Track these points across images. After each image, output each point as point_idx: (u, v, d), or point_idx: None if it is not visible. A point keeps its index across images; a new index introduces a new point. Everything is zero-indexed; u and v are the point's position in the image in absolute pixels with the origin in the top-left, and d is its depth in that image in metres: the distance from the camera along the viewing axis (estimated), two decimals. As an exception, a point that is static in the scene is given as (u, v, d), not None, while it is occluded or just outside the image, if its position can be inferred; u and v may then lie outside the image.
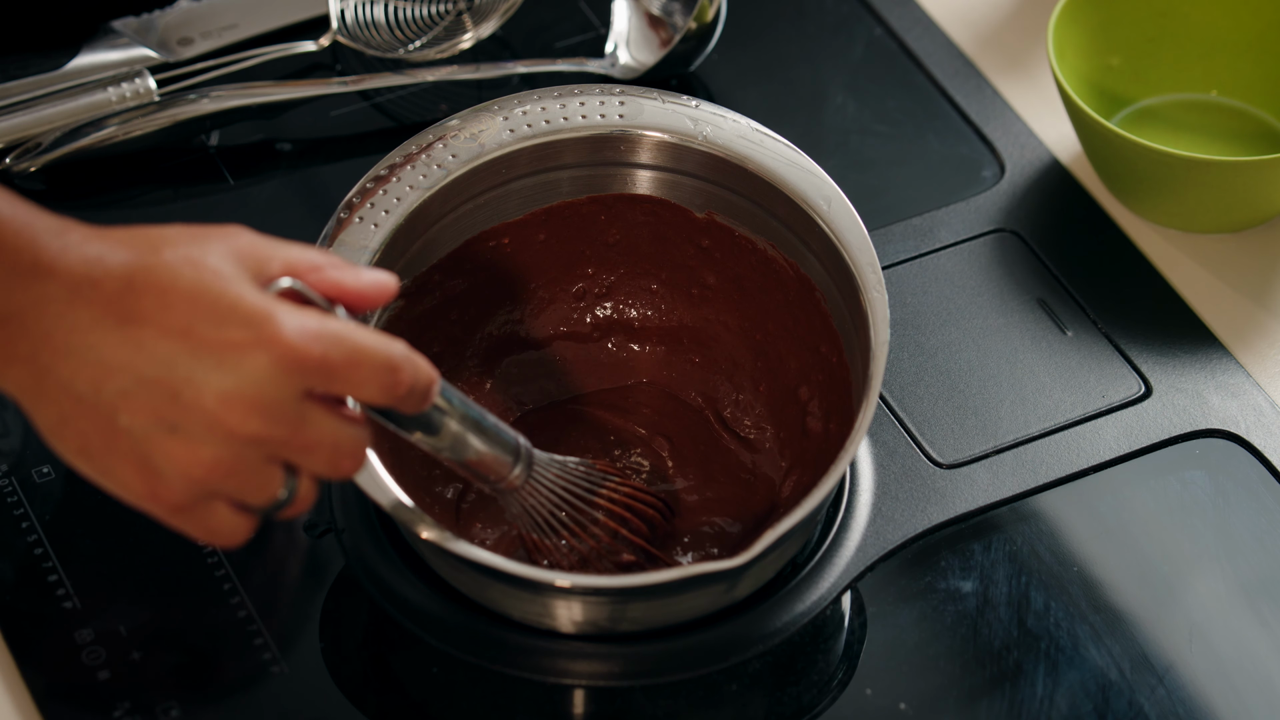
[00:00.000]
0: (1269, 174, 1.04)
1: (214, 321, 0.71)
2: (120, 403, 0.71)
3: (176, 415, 0.71)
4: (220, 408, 0.71)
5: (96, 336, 0.71)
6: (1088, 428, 1.00)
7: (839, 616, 0.93)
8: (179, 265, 0.71)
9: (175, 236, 0.73)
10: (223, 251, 0.73)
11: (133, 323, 0.71)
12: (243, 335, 0.71)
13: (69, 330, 0.71)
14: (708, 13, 1.13)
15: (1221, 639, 0.93)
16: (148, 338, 0.71)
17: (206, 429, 0.72)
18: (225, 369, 0.71)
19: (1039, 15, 1.20)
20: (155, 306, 0.71)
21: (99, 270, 0.71)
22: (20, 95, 1.11)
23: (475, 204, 0.95)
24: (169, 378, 0.71)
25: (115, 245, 0.72)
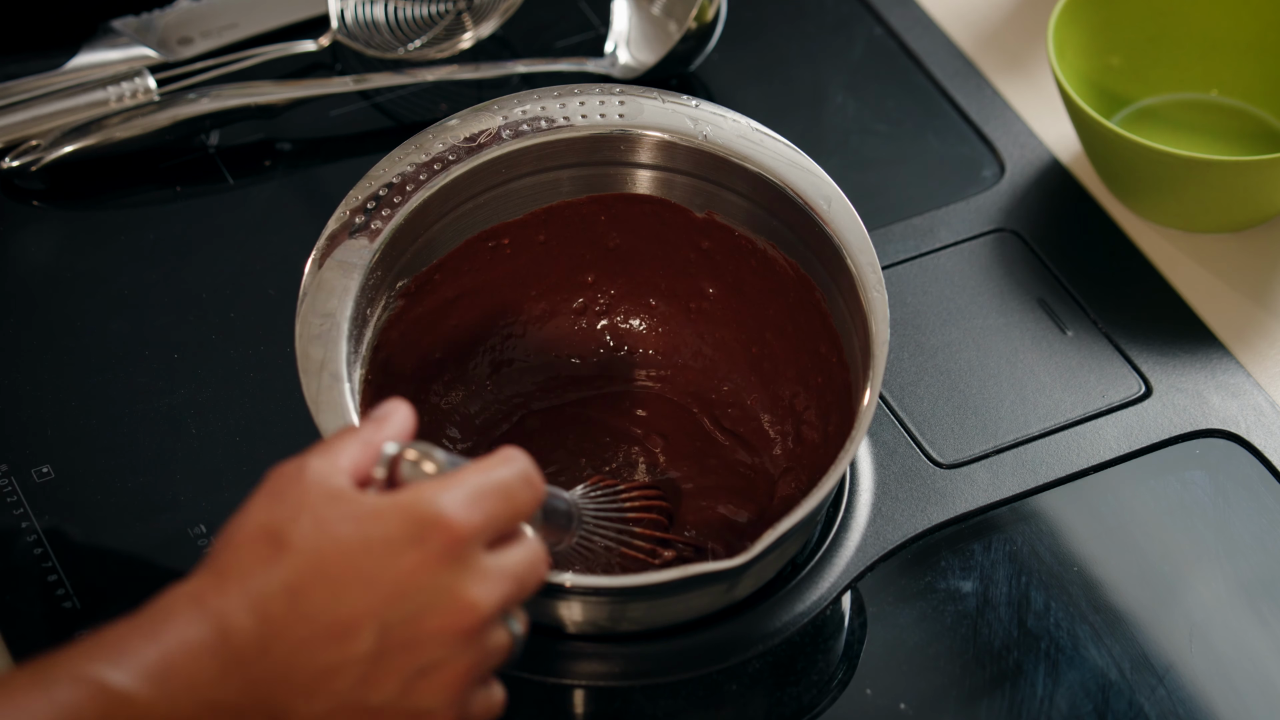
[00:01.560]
0: (1269, 174, 1.04)
1: (382, 565, 0.69)
2: (362, 690, 0.70)
3: (416, 660, 0.70)
4: (445, 626, 0.70)
5: (298, 661, 0.69)
6: (1088, 428, 1.00)
7: (839, 616, 0.93)
8: (304, 550, 0.69)
9: (249, 540, 0.70)
10: (315, 508, 0.70)
11: (314, 623, 0.69)
12: (416, 555, 0.70)
13: (273, 685, 0.69)
14: (708, 13, 1.13)
15: (1221, 639, 0.93)
16: (341, 625, 0.69)
17: (447, 649, 0.71)
18: (424, 593, 0.70)
19: (1039, 15, 1.20)
20: (326, 597, 0.69)
21: (242, 640, 0.69)
22: (20, 95, 1.11)
23: (475, 204, 0.95)
24: (387, 641, 0.69)
25: (221, 614, 0.69)
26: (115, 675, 0.66)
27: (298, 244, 0.96)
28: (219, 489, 0.96)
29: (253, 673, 0.68)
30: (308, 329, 0.87)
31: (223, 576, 0.69)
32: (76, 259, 1.07)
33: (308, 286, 0.88)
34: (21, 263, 1.08)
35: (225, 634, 0.68)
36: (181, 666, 0.67)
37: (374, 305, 0.91)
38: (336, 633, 0.69)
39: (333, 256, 0.89)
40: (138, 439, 0.99)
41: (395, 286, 0.93)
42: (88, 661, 0.67)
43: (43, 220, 1.09)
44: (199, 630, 0.68)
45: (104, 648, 0.67)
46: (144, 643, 0.67)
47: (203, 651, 0.68)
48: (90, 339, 1.03)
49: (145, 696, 0.67)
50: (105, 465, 0.97)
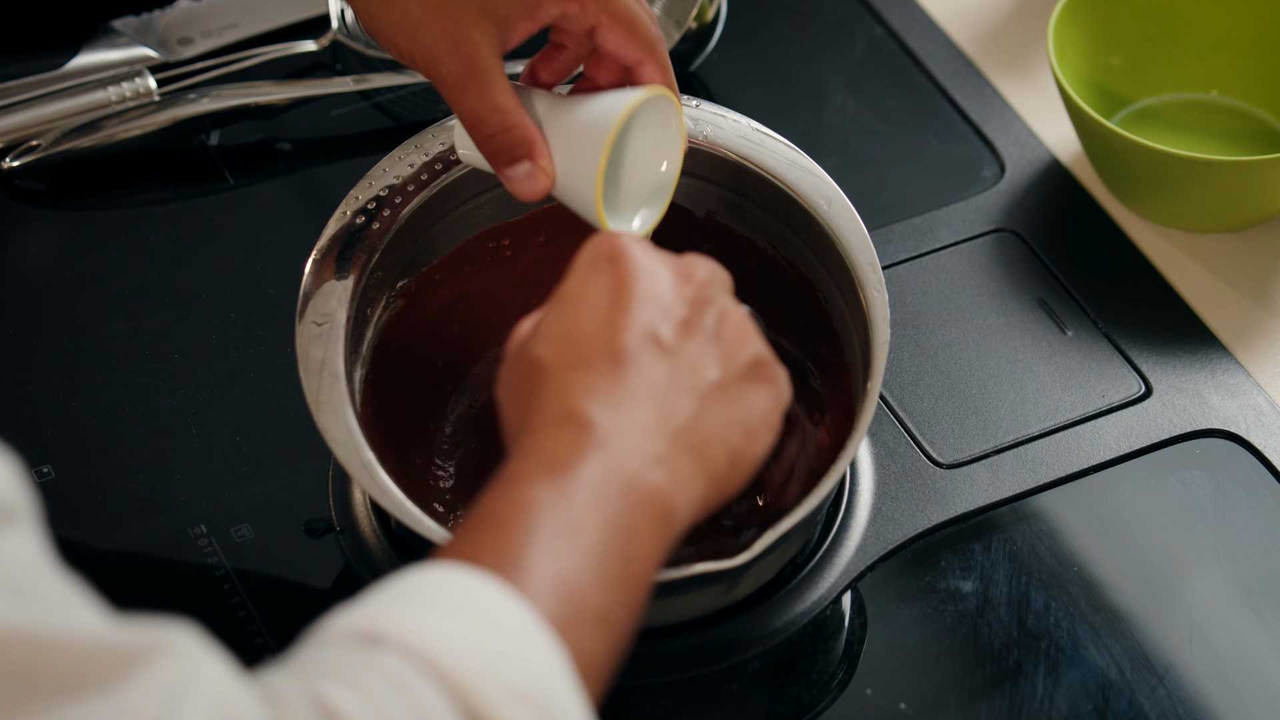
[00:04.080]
0: (1269, 174, 1.04)
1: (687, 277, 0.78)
2: (703, 362, 0.76)
3: (722, 309, 0.79)
4: (722, 276, 0.80)
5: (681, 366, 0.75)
6: (1088, 428, 1.00)
7: (839, 616, 0.93)
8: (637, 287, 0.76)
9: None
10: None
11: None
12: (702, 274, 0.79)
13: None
14: (708, 13, 1.13)
15: (1221, 639, 0.93)
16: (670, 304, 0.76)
17: (728, 290, 0.80)
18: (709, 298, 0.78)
19: (1039, 15, 1.20)
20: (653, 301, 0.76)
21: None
22: (20, 95, 1.11)
23: (475, 204, 0.95)
24: (692, 315, 0.77)
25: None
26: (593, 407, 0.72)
27: (298, 244, 0.96)
28: (219, 489, 0.96)
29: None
30: (308, 329, 0.87)
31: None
32: (76, 259, 1.07)
33: (308, 286, 0.88)
34: (21, 263, 1.08)
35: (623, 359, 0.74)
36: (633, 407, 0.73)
37: (374, 305, 0.91)
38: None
39: (333, 256, 0.89)
40: (138, 439, 0.99)
41: (395, 286, 0.93)
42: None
43: (43, 220, 1.09)
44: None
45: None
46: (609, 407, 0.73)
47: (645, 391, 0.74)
48: (90, 339, 1.03)
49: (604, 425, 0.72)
50: (105, 465, 0.97)
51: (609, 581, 0.68)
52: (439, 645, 0.63)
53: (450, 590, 0.65)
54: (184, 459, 0.98)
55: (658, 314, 0.75)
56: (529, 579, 0.66)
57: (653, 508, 0.71)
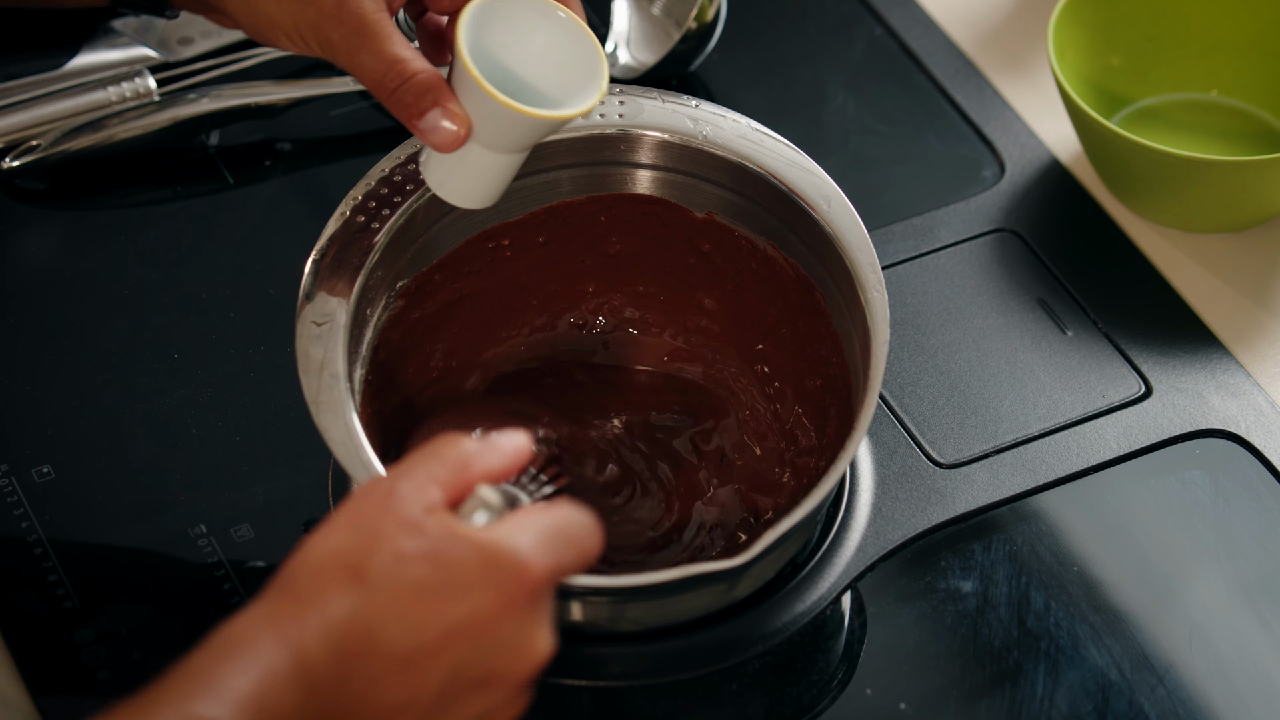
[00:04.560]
0: (1269, 174, 1.04)
1: (458, 606, 0.69)
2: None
3: (482, 702, 0.70)
4: (514, 671, 0.70)
5: (370, 695, 0.68)
6: (1088, 428, 1.00)
7: (839, 616, 0.93)
8: (382, 593, 0.68)
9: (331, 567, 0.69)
10: (394, 541, 0.69)
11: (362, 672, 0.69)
12: (491, 599, 0.69)
13: (344, 718, 0.69)
14: (708, 13, 1.13)
15: (1221, 639, 0.93)
16: (414, 663, 0.69)
17: (512, 692, 0.71)
18: (497, 638, 0.70)
19: (1039, 15, 1.20)
20: (401, 634, 0.68)
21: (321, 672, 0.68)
22: (20, 94, 1.11)
23: (475, 204, 0.95)
24: (457, 682, 0.70)
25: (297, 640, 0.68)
26: (215, 710, 0.66)
27: (298, 244, 0.96)
28: (219, 489, 0.96)
29: (328, 706, 0.68)
30: (308, 329, 0.87)
31: (300, 604, 0.68)
32: (76, 259, 1.07)
33: (307, 286, 0.88)
34: (21, 263, 1.08)
35: (304, 665, 0.67)
36: (269, 698, 0.67)
37: (374, 305, 0.91)
38: (409, 670, 0.68)
39: (333, 256, 0.89)
40: (138, 439, 0.99)
41: (395, 286, 0.93)
42: (187, 700, 0.66)
43: (43, 220, 1.09)
44: (281, 660, 0.67)
45: (198, 683, 0.67)
46: (234, 674, 0.67)
47: (286, 681, 0.67)
48: (90, 339, 1.03)
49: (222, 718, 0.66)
50: (105, 465, 0.97)
51: None
52: None
53: None
54: (184, 459, 0.98)
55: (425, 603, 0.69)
56: None
57: None
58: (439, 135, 0.82)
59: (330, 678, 0.67)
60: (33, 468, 0.97)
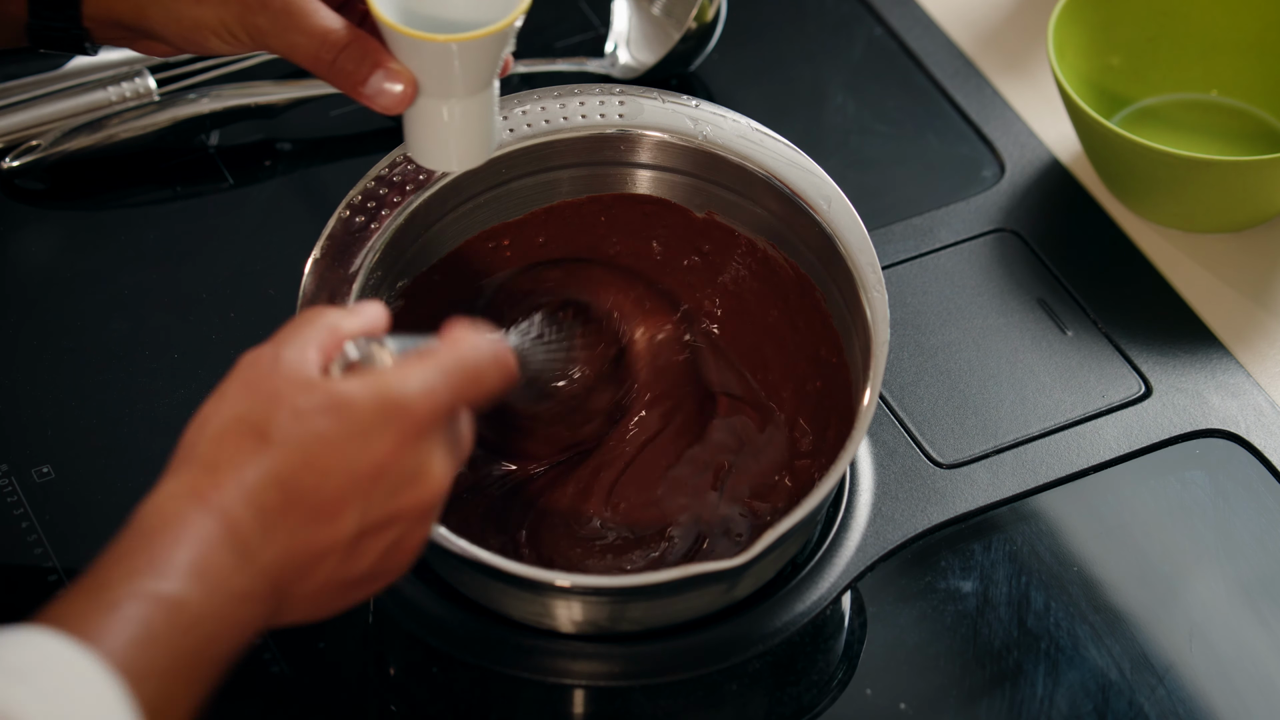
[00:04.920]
0: (1269, 174, 1.04)
1: (359, 452, 0.72)
2: (347, 566, 0.73)
3: (391, 535, 0.74)
4: (416, 503, 0.74)
5: (294, 546, 0.72)
6: (1088, 428, 1.00)
7: (839, 616, 0.93)
8: (289, 449, 0.71)
9: (227, 435, 0.72)
10: (291, 400, 0.72)
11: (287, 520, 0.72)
12: (388, 440, 0.72)
13: (275, 570, 0.72)
14: (708, 13, 1.13)
15: (1221, 639, 0.93)
16: (328, 511, 0.72)
17: (416, 522, 0.74)
18: (397, 475, 0.73)
19: (1039, 15, 1.20)
20: (313, 486, 0.71)
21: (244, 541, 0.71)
22: (20, 94, 1.11)
23: (475, 204, 0.95)
24: (367, 521, 0.73)
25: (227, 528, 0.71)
26: (166, 585, 0.69)
27: (298, 244, 0.96)
28: (219, 489, 0.96)
29: (259, 561, 0.71)
30: (308, 329, 0.87)
31: (214, 471, 0.71)
32: (76, 259, 1.07)
33: (308, 286, 0.88)
34: (21, 263, 1.08)
35: (232, 528, 0.70)
36: (210, 564, 0.70)
37: (374, 305, 0.91)
38: (325, 518, 0.72)
39: (332, 256, 0.89)
40: (138, 439, 0.99)
41: (395, 286, 0.93)
42: (136, 578, 0.69)
43: (43, 220, 1.09)
44: (211, 527, 0.70)
45: (139, 560, 0.69)
46: (172, 548, 0.69)
47: (220, 547, 0.70)
48: (90, 339, 1.03)
49: (195, 598, 0.69)
50: (105, 465, 0.97)
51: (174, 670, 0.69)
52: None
53: (51, 665, 0.66)
54: (184, 459, 0.98)
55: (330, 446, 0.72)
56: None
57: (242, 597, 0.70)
58: (386, 96, 0.83)
59: (256, 536, 0.70)
60: (33, 468, 0.97)
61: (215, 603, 0.69)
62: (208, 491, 0.70)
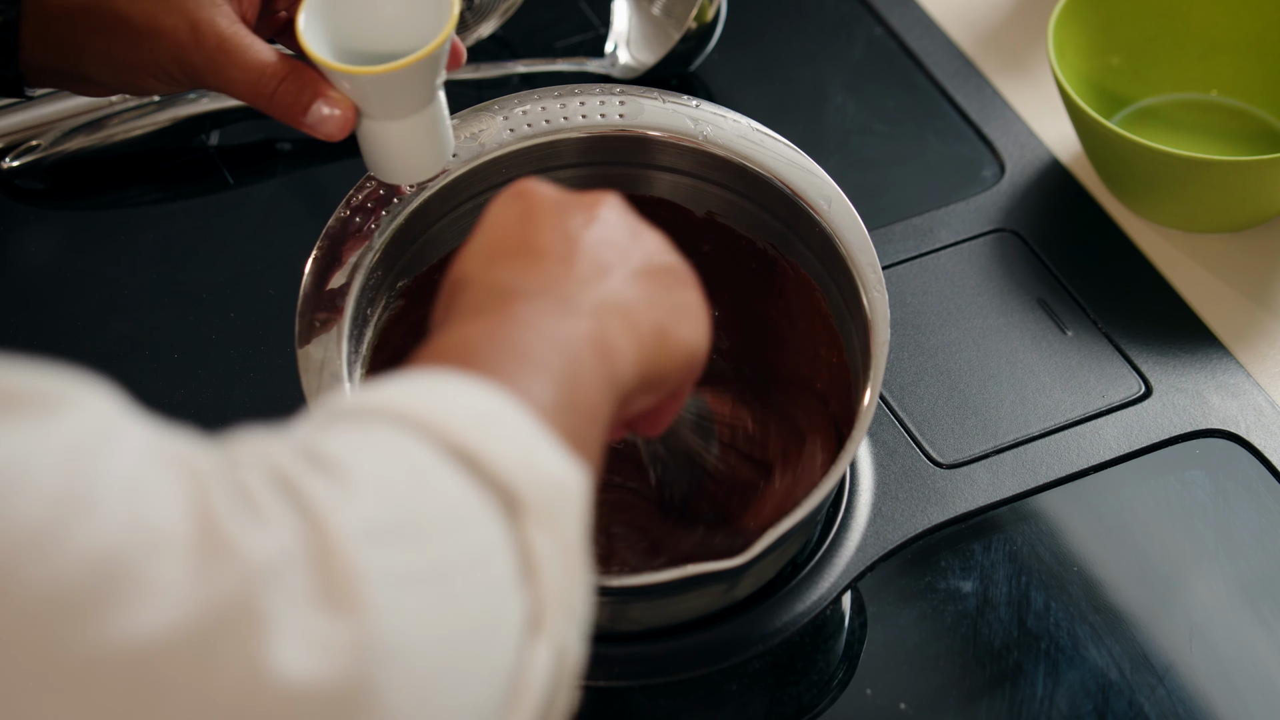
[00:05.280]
0: (1269, 174, 1.04)
1: (645, 234, 0.73)
2: (651, 282, 0.73)
3: (674, 292, 0.73)
4: (690, 284, 0.74)
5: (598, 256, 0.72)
6: (1088, 428, 1.00)
7: (839, 616, 0.93)
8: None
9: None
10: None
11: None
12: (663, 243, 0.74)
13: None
14: (708, 13, 1.13)
15: (1221, 639, 0.93)
16: (619, 238, 0.73)
17: (697, 301, 0.74)
18: (668, 261, 0.74)
19: (1039, 15, 1.20)
20: (599, 234, 0.72)
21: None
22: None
23: (475, 204, 0.95)
24: (650, 266, 0.73)
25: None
26: (575, 314, 0.69)
27: (298, 244, 0.96)
28: (219, 489, 0.96)
29: (588, 296, 0.70)
30: (308, 329, 0.87)
31: (520, 281, 0.70)
32: (76, 259, 1.07)
33: (308, 286, 0.88)
34: (21, 262, 1.08)
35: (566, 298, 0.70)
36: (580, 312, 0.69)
37: (374, 305, 0.91)
38: (615, 241, 0.72)
39: (332, 256, 0.89)
40: (138, 439, 0.98)
41: (395, 286, 0.93)
42: (545, 313, 0.68)
43: (43, 220, 1.09)
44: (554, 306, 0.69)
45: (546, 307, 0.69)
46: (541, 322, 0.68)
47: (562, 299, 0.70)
48: (90, 339, 1.03)
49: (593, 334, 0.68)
50: (105, 465, 0.97)
51: (569, 402, 0.66)
52: (445, 419, 0.61)
53: (446, 384, 0.64)
54: (184, 459, 0.98)
55: (570, 217, 0.72)
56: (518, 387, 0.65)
57: (592, 343, 0.68)
58: (329, 124, 0.84)
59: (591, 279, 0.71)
60: (33, 468, 0.97)
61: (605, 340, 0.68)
62: (559, 290, 0.70)
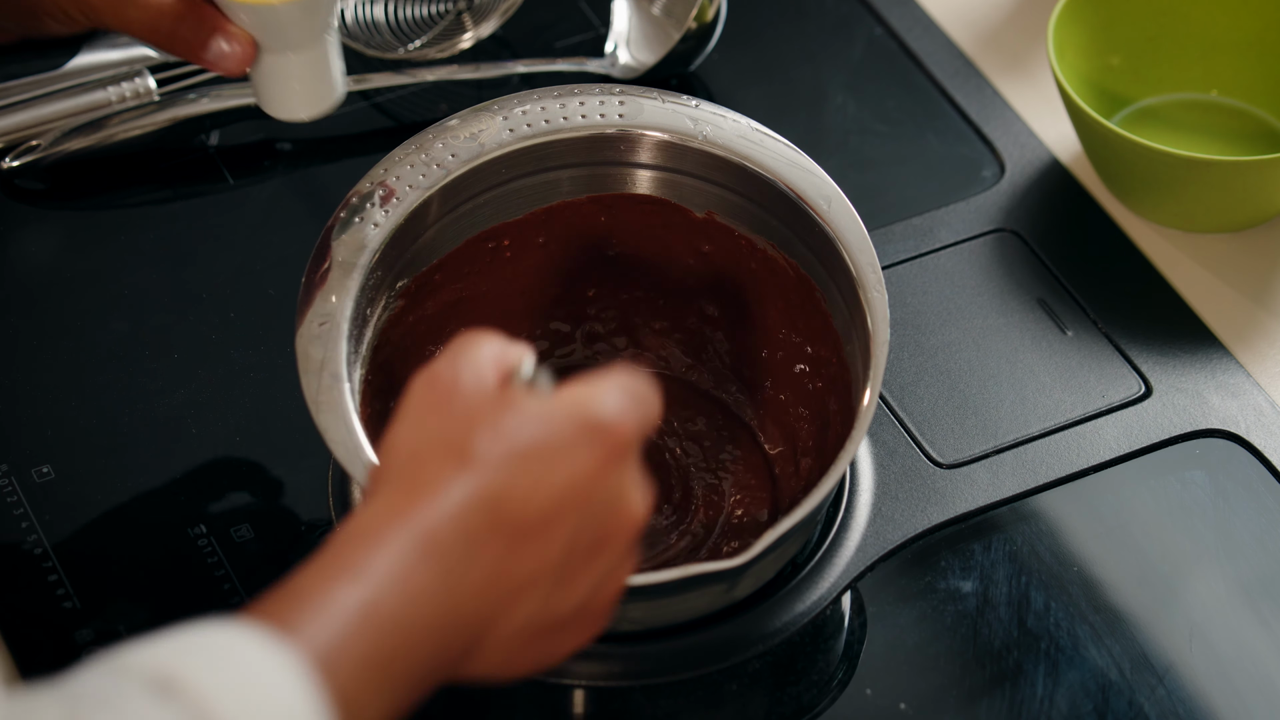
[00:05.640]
0: (1269, 174, 1.04)
1: (564, 468, 0.68)
2: (556, 599, 0.70)
3: (601, 565, 0.71)
4: (623, 529, 0.71)
5: (501, 571, 0.68)
6: (1088, 428, 1.00)
7: (839, 616, 0.93)
8: (490, 485, 0.68)
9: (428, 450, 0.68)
10: (488, 416, 0.69)
11: (508, 539, 0.68)
12: (591, 458, 0.69)
13: (475, 601, 0.68)
14: (708, 13, 1.13)
15: (1221, 639, 0.93)
16: (536, 530, 0.68)
17: (624, 554, 0.71)
18: (604, 497, 0.70)
19: (1039, 15, 1.20)
20: (519, 505, 0.68)
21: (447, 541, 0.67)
22: (20, 94, 1.11)
23: (475, 204, 0.95)
24: (576, 545, 0.69)
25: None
26: (362, 590, 0.65)
27: (298, 244, 0.96)
28: (219, 489, 0.96)
29: (461, 584, 0.67)
30: (308, 329, 0.87)
31: (416, 493, 0.67)
32: (76, 259, 1.07)
33: (307, 286, 0.88)
34: (21, 262, 1.08)
35: (435, 547, 0.67)
36: (410, 579, 0.66)
37: (374, 305, 0.91)
38: (532, 537, 0.68)
39: (332, 256, 0.89)
40: (138, 439, 0.99)
41: (395, 286, 0.93)
42: (334, 583, 0.66)
43: (43, 220, 1.09)
44: (412, 546, 0.66)
45: (338, 568, 0.66)
46: (372, 558, 0.66)
47: (421, 564, 0.66)
48: (90, 339, 1.03)
49: (391, 605, 0.65)
50: (105, 465, 0.97)
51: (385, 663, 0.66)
52: (228, 711, 0.61)
53: (247, 657, 0.63)
54: (184, 459, 0.98)
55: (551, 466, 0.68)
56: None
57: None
58: (229, 60, 0.84)
59: (460, 558, 0.67)
60: (33, 468, 0.97)
61: (412, 615, 0.66)
62: (408, 511, 0.67)
